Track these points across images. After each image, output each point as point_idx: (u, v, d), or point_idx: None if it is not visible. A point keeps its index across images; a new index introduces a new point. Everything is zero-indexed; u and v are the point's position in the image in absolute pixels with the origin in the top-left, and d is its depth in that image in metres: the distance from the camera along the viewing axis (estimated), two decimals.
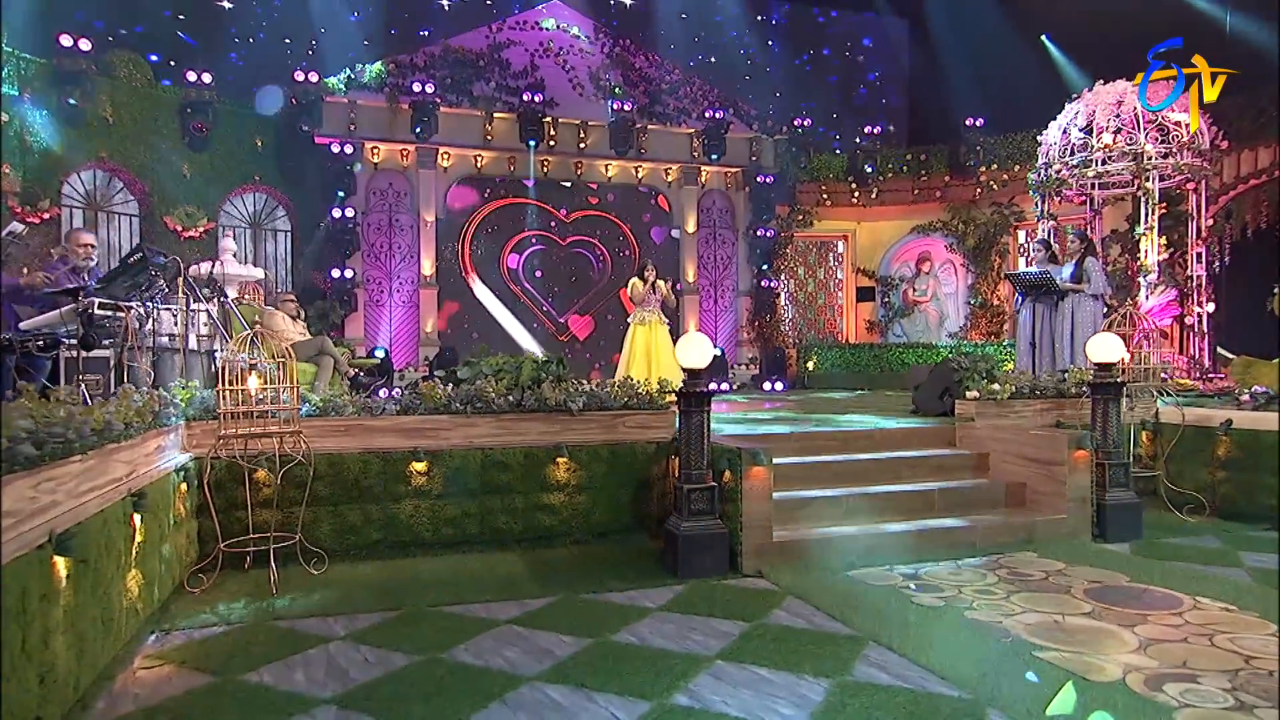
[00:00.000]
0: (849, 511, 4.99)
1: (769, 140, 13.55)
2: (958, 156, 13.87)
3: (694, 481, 4.43)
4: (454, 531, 4.84)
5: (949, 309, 14.46)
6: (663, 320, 8.97)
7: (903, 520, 4.98)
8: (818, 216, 14.18)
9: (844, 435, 5.81)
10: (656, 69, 13.35)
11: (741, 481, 4.43)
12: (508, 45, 12.67)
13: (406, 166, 12.28)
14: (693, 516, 4.41)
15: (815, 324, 14.61)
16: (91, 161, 10.12)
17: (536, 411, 5.10)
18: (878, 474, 5.41)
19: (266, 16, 11.75)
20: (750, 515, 4.44)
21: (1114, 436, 5.22)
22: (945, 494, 5.22)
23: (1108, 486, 5.16)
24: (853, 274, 14.51)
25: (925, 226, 14.24)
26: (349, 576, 4.31)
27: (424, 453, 4.78)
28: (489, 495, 4.92)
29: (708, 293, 13.74)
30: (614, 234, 13.26)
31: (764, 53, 14.79)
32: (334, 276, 11.46)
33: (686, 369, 4.50)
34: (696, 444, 4.45)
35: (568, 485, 5.07)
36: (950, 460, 5.66)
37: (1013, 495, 5.36)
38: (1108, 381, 5.22)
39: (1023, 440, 5.43)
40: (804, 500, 4.98)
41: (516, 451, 4.97)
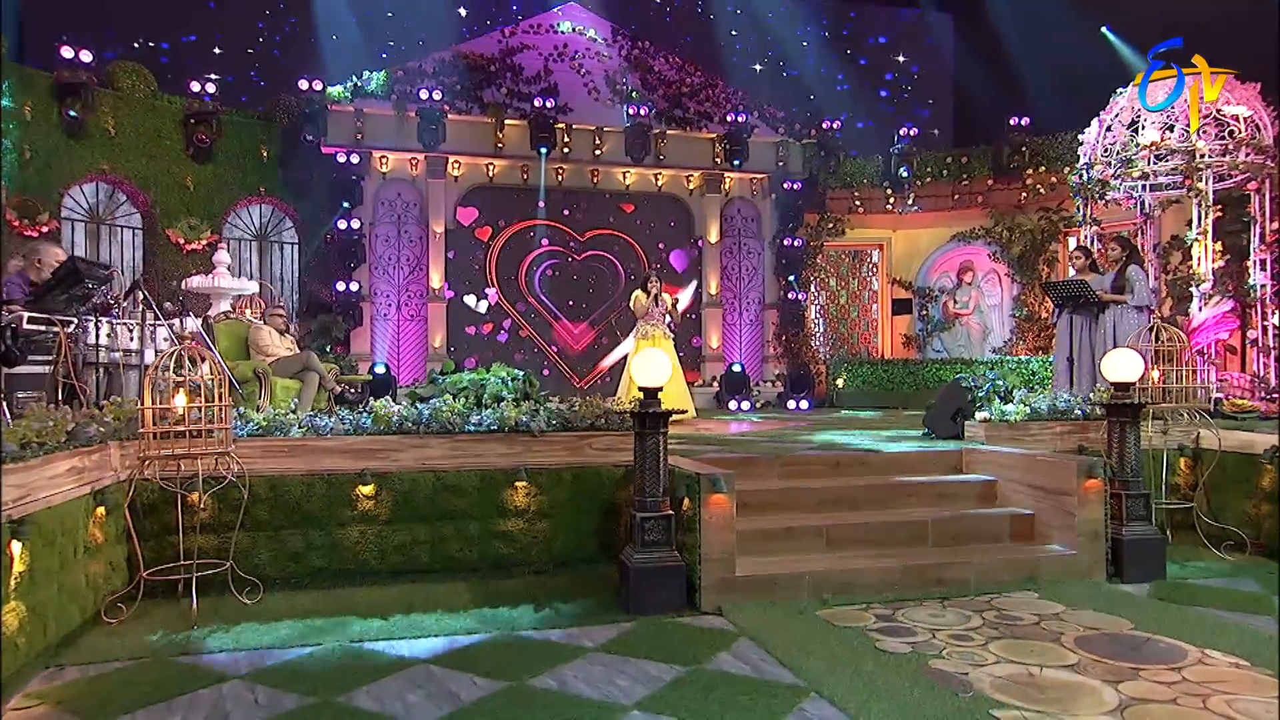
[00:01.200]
0: (830, 542, 4.75)
1: (796, 144, 13.32)
2: (1001, 158, 13.47)
3: (648, 510, 4.25)
4: (403, 559, 4.73)
5: (993, 322, 14.02)
6: (667, 336, 8.81)
7: (890, 553, 4.71)
8: (850, 224, 13.89)
9: (836, 459, 5.56)
10: (677, 71, 13.23)
11: (701, 510, 4.23)
12: (521, 50, 12.70)
13: (416, 176, 12.35)
14: (646, 548, 4.22)
15: (848, 339, 14.28)
16: (93, 174, 10.35)
17: (495, 432, 4.97)
18: (867, 501, 5.15)
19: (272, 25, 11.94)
20: (710, 547, 4.23)
21: (1132, 464, 4.88)
22: (941, 525, 4.93)
23: (1125, 520, 4.82)
24: (888, 285, 14.17)
25: (966, 234, 13.85)
26: (282, 607, 4.22)
27: (371, 475, 4.68)
28: (441, 521, 4.80)
29: (731, 305, 13.53)
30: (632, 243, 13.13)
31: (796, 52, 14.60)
32: (339, 290, 11.54)
33: (643, 387, 4.32)
34: (651, 469, 4.27)
35: (527, 511, 4.92)
36: (952, 488, 5.37)
37: (1020, 528, 5.05)
38: (1125, 403, 4.89)
39: (1031, 467, 5.13)
40: (781, 530, 4.75)
41: (472, 474, 4.85)
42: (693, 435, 7.21)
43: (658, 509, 4.26)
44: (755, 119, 13.17)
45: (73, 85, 9.77)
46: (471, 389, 5.29)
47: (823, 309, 14.29)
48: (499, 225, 12.66)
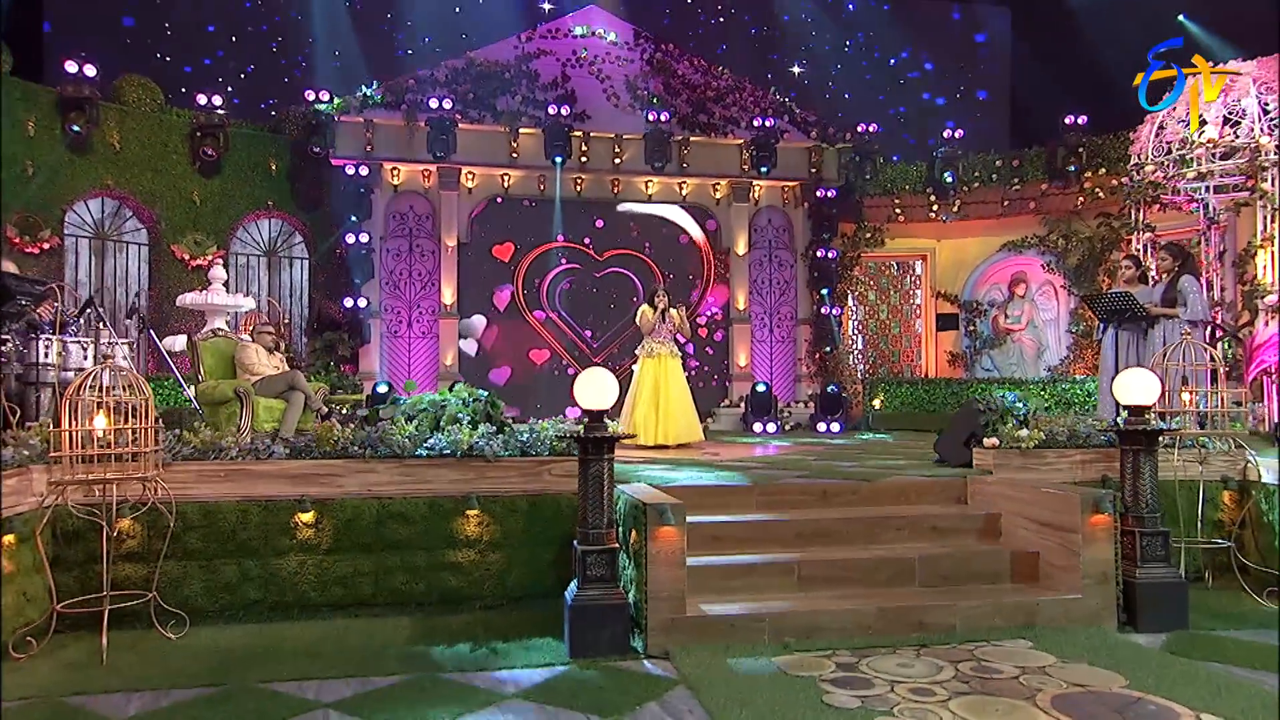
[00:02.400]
0: (803, 580, 4.53)
1: (831, 149, 13.07)
2: (1056, 160, 13.00)
3: (591, 543, 4.10)
4: (344, 592, 4.65)
5: (1048, 338, 13.52)
6: (674, 354, 8.65)
7: (869, 594, 4.47)
8: (890, 234, 13.55)
9: (823, 488, 5.33)
10: (702, 74, 13.11)
11: (647, 543, 4.06)
12: (538, 55, 12.72)
13: (428, 188, 12.43)
14: (588, 584, 4.07)
15: (888, 356, 13.91)
16: (97, 190, 10.63)
17: (447, 456, 4.88)
18: (852, 535, 4.91)
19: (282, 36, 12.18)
20: (657, 584, 4.06)
21: (1147, 497, 4.56)
22: (931, 563, 4.67)
23: (1139, 560, 4.50)
24: (932, 299, 13.77)
25: (1018, 243, 13.39)
26: (206, 643, 4.17)
27: (311, 502, 4.62)
28: (386, 551, 4.71)
29: (761, 321, 13.30)
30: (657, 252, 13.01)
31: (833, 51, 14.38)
32: (346, 306, 11.64)
33: (585, 410, 4.18)
34: (595, 498, 4.12)
35: (479, 541, 4.82)
36: (950, 521, 5.09)
37: (1023, 568, 4.76)
38: (1139, 429, 4.57)
39: (1035, 500, 4.83)
40: (748, 566, 4.55)
41: (419, 502, 4.76)
42: (682, 461, 7.02)
43: (601, 542, 4.11)
44: (786, 123, 12.96)
45: (76, 100, 10.06)
46: (431, 410, 5.18)
47: (861, 324, 13.95)
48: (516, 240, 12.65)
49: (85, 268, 10.81)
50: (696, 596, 4.36)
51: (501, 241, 12.68)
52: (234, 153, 11.61)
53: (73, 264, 10.66)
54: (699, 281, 13.10)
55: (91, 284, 10.84)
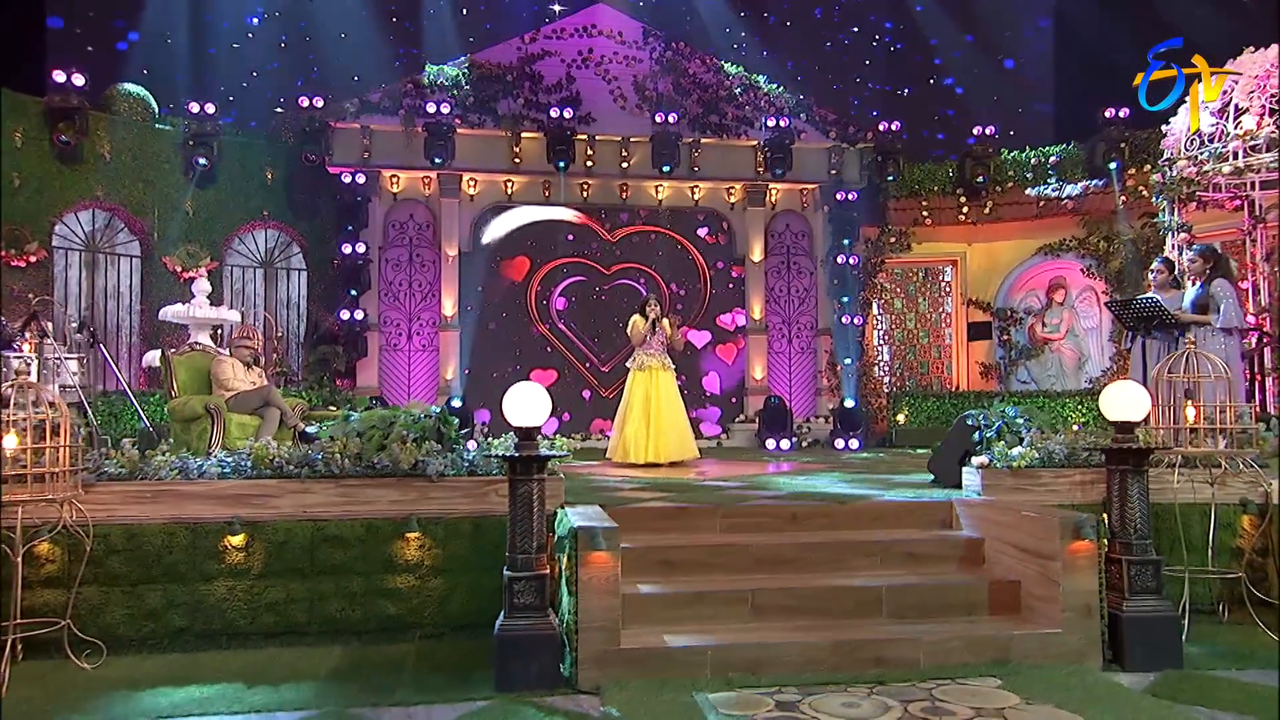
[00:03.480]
0: (757, 610, 4.39)
1: (852, 150, 12.89)
2: (1096, 157, 12.65)
3: (519, 569, 4.02)
4: (276, 619, 4.62)
5: (1090, 348, 13.17)
6: (667, 367, 8.55)
7: (827, 625, 4.32)
8: (916, 238, 13.30)
9: (792, 510, 5.18)
10: (715, 73, 13.02)
11: (578, 569, 3.97)
12: (542, 56, 12.73)
13: (429, 195, 12.49)
14: (516, 613, 3.98)
15: (915, 368, 13.64)
16: (87, 201, 10.84)
17: (387, 476, 4.83)
18: (817, 562, 4.76)
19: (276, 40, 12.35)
20: (589, 614, 3.96)
21: (1136, 522, 4.34)
22: (900, 593, 4.50)
23: (1127, 591, 4.29)
24: (962, 306, 13.49)
25: (1055, 246, 13.07)
26: (122, 674, 4.15)
27: (241, 524, 4.60)
28: (321, 576, 4.68)
29: (779, 331, 13.12)
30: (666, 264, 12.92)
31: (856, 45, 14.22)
32: (342, 319, 11.71)
33: (516, 427, 4.11)
34: (524, 522, 4.04)
35: (420, 566, 4.76)
36: (929, 547, 4.91)
37: (1003, 598, 4.56)
38: (1126, 447, 4.37)
39: (1016, 524, 4.64)
40: (696, 594, 4.42)
41: (355, 524, 4.72)
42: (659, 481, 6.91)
43: (530, 568, 4.02)
44: (803, 122, 12.81)
45: (64, 110, 10.28)
46: (380, 427, 5.14)
47: (887, 334, 13.71)
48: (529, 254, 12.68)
49: (75, 281, 11.03)
50: (641, 626, 4.26)
51: (512, 256, 12.66)
52: (228, 161, 11.77)
53: (62, 277, 10.87)
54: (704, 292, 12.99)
55: (82, 298, 11.06)
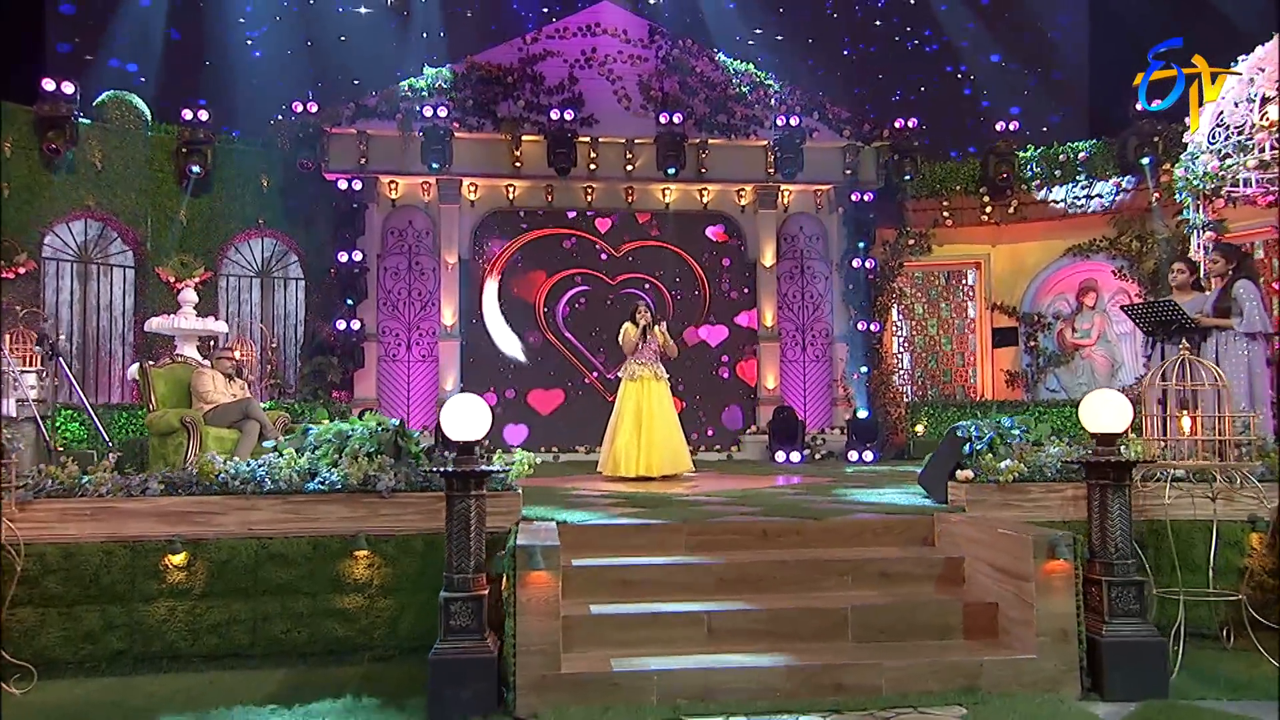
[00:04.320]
0: (713, 634, 4.31)
1: (868, 149, 12.75)
2: (1128, 152, 12.38)
3: (456, 589, 3.98)
4: (218, 641, 4.61)
5: (1123, 354, 12.88)
6: (659, 376, 8.48)
7: (787, 649, 4.22)
8: (937, 239, 13.11)
9: (763, 527, 5.09)
10: (723, 71, 12.95)
11: (516, 590, 3.91)
12: (543, 57, 12.73)
13: (428, 202, 12.54)
14: (452, 636, 3.94)
15: (938, 376, 13.43)
16: (78, 211, 11.01)
17: (337, 492, 4.82)
18: (783, 582, 4.67)
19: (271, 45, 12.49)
20: (527, 637, 3.91)
21: (1117, 540, 4.20)
22: (868, 614, 4.39)
23: (1107, 614, 4.15)
24: (986, 311, 13.26)
25: (1085, 247, 12.81)
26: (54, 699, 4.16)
27: (182, 542, 4.60)
28: (265, 596, 4.67)
29: (792, 339, 12.99)
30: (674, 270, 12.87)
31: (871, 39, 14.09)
32: (339, 329, 11.76)
33: (453, 441, 4.07)
34: (461, 539, 4.00)
35: (369, 585, 4.74)
36: (904, 566, 4.80)
37: (978, 621, 4.44)
38: (1106, 460, 4.23)
39: (993, 542, 4.51)
40: (650, 616, 4.35)
41: (301, 542, 4.71)
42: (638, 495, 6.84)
43: (467, 588, 3.98)
44: (815, 120, 12.69)
45: (53, 119, 10.45)
46: (336, 441, 5.13)
47: (907, 341, 13.52)
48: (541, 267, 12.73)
49: (67, 292, 11.20)
50: (589, 650, 4.20)
51: (527, 272, 12.66)
52: (223, 169, 11.89)
53: (53, 289, 11.03)
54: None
55: (73, 310, 11.23)
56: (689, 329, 12.69)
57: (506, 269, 12.69)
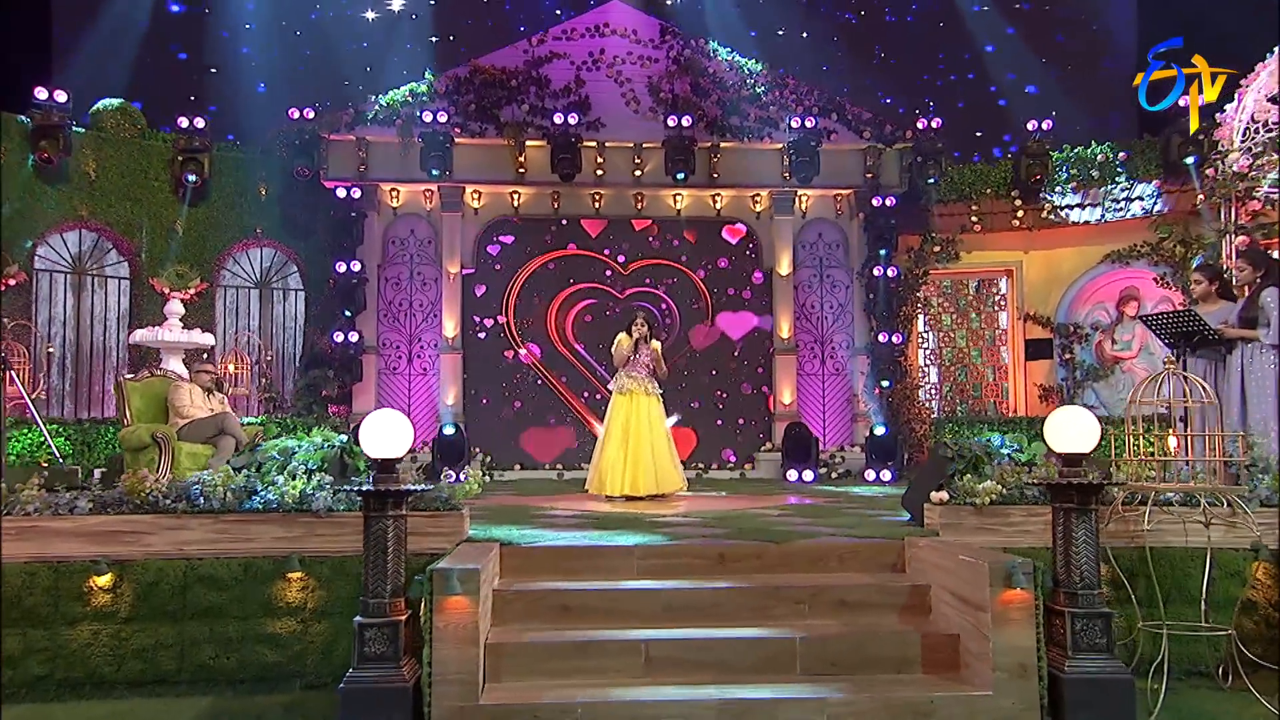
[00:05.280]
0: (651, 664, 4.23)
1: (890, 150, 12.59)
2: (1170, 150, 12.05)
3: (372, 614, 3.95)
4: (144, 667, 4.63)
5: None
6: (650, 392, 8.42)
7: (728, 682, 4.13)
8: (965, 246, 12.91)
9: (720, 551, 5.00)
10: (738, 71, 12.89)
11: (433, 616, 3.88)
12: (549, 59, 12.78)
13: (430, 210, 12.62)
14: (366, 664, 3.91)
15: (967, 391, 13.19)
16: (72, 221, 11.25)
17: (272, 511, 4.82)
18: (734, 610, 4.58)
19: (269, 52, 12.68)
20: (444, 665, 3.87)
21: (1083, 569, 4.05)
22: (820, 645, 4.28)
23: (1071, 649, 4.00)
24: (1019, 322, 13.01)
25: (1124, 253, 12.54)
26: None
27: (108, 563, 4.64)
28: (193, 620, 4.68)
29: (810, 351, 12.84)
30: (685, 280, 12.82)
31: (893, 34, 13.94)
32: (336, 341, 11.85)
33: (374, 459, 4.05)
34: (378, 562, 3.98)
35: (302, 609, 4.73)
36: (866, 594, 4.67)
37: (938, 654, 4.31)
38: (1069, 483, 4.08)
39: (954, 568, 4.38)
40: (585, 644, 4.28)
41: (232, 563, 4.72)
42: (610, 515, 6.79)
43: (383, 613, 3.95)
44: (834, 122, 12.57)
45: (46, 127, 10.69)
46: (280, 458, 5.15)
47: (934, 354, 13.30)
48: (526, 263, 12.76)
49: (61, 304, 11.43)
50: (517, 680, 4.16)
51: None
52: (220, 177, 12.10)
53: (47, 300, 11.27)
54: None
55: (66, 322, 11.46)
56: (698, 332, 12.69)
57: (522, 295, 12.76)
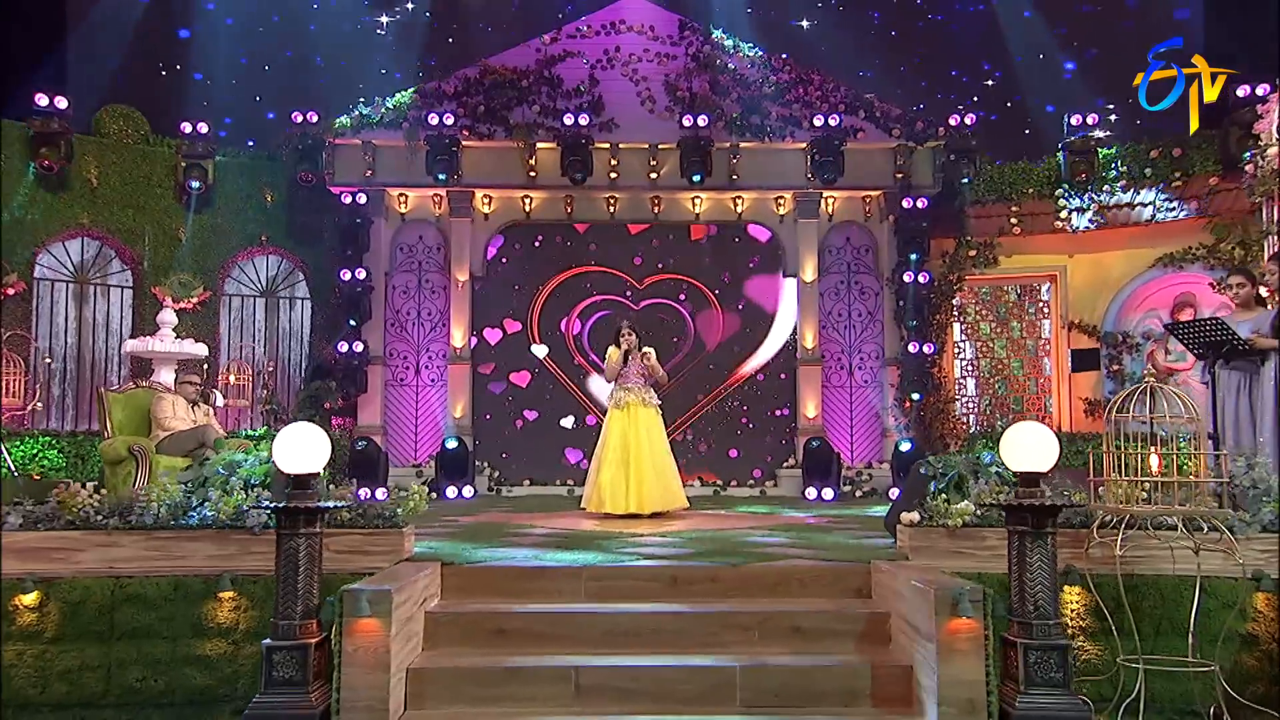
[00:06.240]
0: (581, 693, 4.20)
1: (922, 149, 12.41)
2: (1229, 145, 11.67)
3: (281, 636, 3.97)
4: (69, 689, 4.71)
5: None
6: (648, 402, 8.39)
7: (659, 712, 4.08)
8: (1004, 250, 12.66)
9: (674, 573, 4.94)
10: (759, 68, 12.82)
11: (342, 640, 3.89)
12: (562, 58, 12.83)
13: (439, 215, 12.73)
14: (274, 689, 3.93)
15: (1007, 404, 12.92)
16: (73, 230, 11.56)
17: (206, 528, 4.88)
18: (679, 636, 4.53)
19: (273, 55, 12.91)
20: (353, 692, 3.88)
21: (1039, 597, 3.92)
22: (763, 676, 4.21)
23: (1023, 683, 3.87)
24: (1063, 331, 12.71)
25: (1178, 255, 12.17)
26: None
27: (34, 581, 4.72)
28: (121, 641, 4.76)
29: (836, 361, 12.69)
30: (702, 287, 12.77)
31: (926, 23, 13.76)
32: (340, 351, 11.99)
33: (290, 474, 4.08)
34: (289, 582, 4.01)
35: (234, 630, 4.78)
36: (823, 621, 4.59)
37: (889, 687, 4.21)
38: (1024, 504, 3.96)
39: (908, 596, 4.27)
40: (513, 672, 4.25)
41: (162, 582, 4.78)
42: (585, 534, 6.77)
43: (293, 635, 3.96)
44: (861, 120, 12.43)
45: (46, 134, 11.01)
46: (225, 472, 5.22)
47: (971, 365, 13.06)
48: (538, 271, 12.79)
49: (62, 314, 11.74)
50: (440, 708, 4.17)
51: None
52: (225, 184, 12.34)
53: (46, 310, 11.58)
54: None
55: (69, 332, 11.77)
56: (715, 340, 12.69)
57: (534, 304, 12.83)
